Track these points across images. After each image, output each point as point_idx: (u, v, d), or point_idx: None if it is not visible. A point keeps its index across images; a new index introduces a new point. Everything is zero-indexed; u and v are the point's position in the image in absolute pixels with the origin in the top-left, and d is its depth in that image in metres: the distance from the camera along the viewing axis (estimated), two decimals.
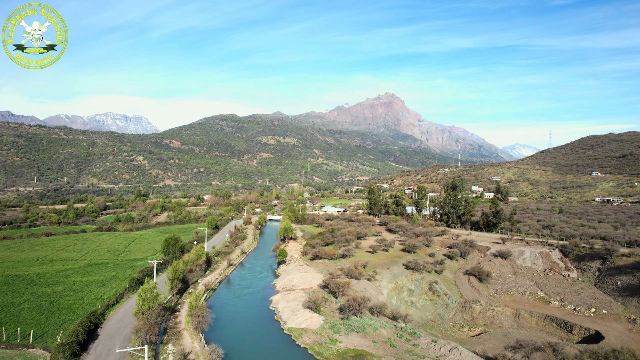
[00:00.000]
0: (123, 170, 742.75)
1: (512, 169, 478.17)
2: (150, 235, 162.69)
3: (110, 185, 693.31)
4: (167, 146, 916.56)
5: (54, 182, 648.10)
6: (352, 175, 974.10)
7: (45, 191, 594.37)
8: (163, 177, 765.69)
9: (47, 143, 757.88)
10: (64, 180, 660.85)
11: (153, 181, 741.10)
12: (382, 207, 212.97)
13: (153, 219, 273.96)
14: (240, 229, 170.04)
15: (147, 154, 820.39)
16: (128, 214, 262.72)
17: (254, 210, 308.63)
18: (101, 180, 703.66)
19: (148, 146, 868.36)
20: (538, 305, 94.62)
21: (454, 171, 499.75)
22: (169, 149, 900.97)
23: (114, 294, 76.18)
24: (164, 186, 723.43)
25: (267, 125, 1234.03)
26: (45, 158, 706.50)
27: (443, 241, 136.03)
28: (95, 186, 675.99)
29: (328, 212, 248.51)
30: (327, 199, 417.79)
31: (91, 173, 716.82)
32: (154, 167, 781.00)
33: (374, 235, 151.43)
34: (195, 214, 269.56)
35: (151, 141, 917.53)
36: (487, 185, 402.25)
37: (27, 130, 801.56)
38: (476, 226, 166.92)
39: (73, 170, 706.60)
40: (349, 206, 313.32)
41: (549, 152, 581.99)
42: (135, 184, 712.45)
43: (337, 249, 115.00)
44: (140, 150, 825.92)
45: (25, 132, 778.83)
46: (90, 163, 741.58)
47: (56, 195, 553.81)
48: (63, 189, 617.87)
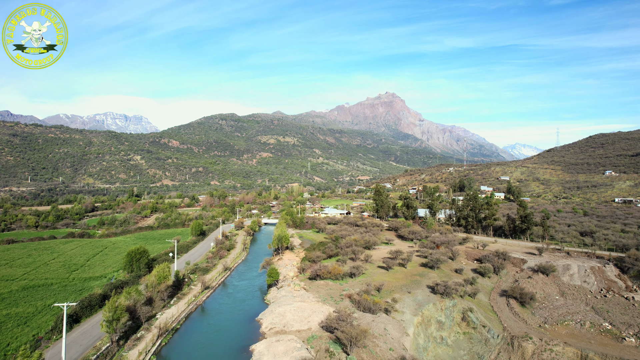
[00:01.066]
0: (120, 169, 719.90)
1: (520, 168, 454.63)
2: (126, 242, 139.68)
3: (107, 185, 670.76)
4: (166, 145, 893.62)
5: (49, 182, 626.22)
6: (352, 175, 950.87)
7: (39, 191, 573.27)
8: (161, 176, 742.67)
9: (42, 142, 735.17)
10: (59, 180, 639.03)
11: (150, 181, 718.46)
12: (389, 210, 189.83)
13: (140, 221, 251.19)
14: (229, 235, 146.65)
15: (145, 153, 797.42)
16: (113, 216, 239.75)
17: (250, 211, 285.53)
18: (97, 180, 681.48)
19: (146, 145, 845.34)
20: (608, 343, 71.37)
21: (460, 170, 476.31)
22: (168, 149, 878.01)
23: (32, 339, 53.46)
24: (162, 186, 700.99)
25: (267, 125, 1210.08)
26: (40, 157, 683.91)
27: (468, 252, 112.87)
28: (91, 186, 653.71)
29: (330, 214, 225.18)
30: (328, 200, 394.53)
31: (87, 173, 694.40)
32: (152, 167, 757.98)
33: (384, 243, 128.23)
34: (187, 216, 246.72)
35: (149, 140, 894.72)
36: (496, 184, 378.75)
37: (23, 129, 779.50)
38: (499, 232, 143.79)
39: (69, 169, 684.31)
40: (351, 207, 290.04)
41: (556, 150, 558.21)
42: (132, 183, 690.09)
43: (342, 264, 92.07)
44: (138, 150, 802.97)
45: (20, 131, 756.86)
46: (87, 162, 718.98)
47: (50, 195, 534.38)
48: (57, 189, 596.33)
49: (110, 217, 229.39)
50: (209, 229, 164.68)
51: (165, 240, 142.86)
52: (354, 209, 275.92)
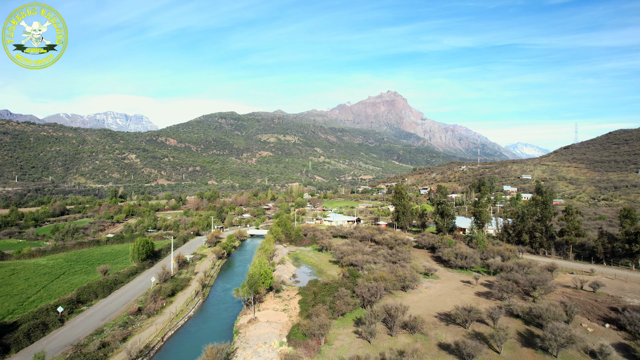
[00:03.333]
0: (113, 169, 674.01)
1: (540, 166, 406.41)
2: (41, 269, 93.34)
3: (99, 185, 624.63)
4: (163, 144, 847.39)
5: (37, 181, 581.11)
6: (355, 174, 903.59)
7: (25, 191, 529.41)
8: (156, 176, 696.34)
9: (34, 141, 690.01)
10: (49, 180, 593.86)
11: (145, 180, 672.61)
12: (413, 217, 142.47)
13: (108, 228, 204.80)
14: (191, 259, 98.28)
15: (140, 152, 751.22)
16: (71, 223, 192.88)
17: (240, 215, 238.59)
18: (89, 179, 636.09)
19: (142, 144, 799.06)
20: None
21: (473, 169, 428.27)
22: (165, 147, 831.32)
23: None
24: (157, 185, 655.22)
25: (267, 123, 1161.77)
26: (30, 156, 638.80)
27: (568, 294, 65.54)
28: (82, 186, 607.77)
29: (335, 222, 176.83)
30: (330, 201, 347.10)
31: (79, 172, 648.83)
32: (147, 166, 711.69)
33: (423, 275, 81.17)
34: (164, 222, 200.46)
35: (146, 139, 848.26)
36: (518, 184, 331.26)
37: (15, 127, 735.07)
38: (588, 253, 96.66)
39: (60, 169, 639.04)
40: (359, 211, 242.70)
41: (574, 147, 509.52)
42: (126, 183, 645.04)
43: (368, 336, 45.46)
44: (133, 148, 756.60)
45: (12, 129, 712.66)
46: (79, 161, 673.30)
47: (37, 195, 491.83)
48: (46, 189, 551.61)
49: (67, 225, 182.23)
50: (167, 248, 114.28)
51: (104, 262, 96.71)
52: (362, 214, 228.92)
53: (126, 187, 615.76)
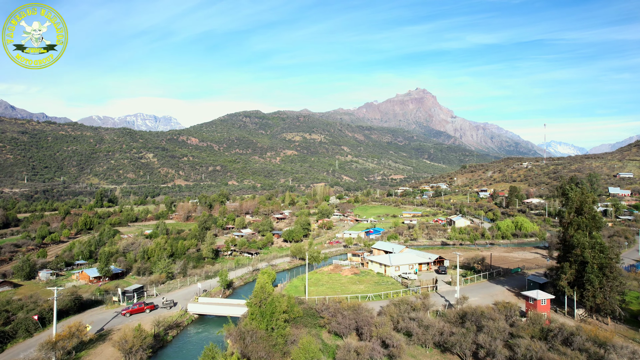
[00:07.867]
0: (128, 168, 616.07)
1: (629, 161, 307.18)
2: None
3: (112, 186, 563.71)
4: (184, 143, 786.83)
5: (48, 182, 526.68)
6: (385, 174, 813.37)
7: (33, 192, 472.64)
8: (173, 176, 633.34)
9: (52, 140, 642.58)
10: (60, 180, 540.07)
11: (162, 181, 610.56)
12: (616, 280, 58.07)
13: (36, 250, 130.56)
14: None
15: (159, 151, 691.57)
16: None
17: (239, 230, 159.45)
18: (103, 180, 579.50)
19: (162, 143, 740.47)
20: None
21: (539, 165, 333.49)
22: (185, 146, 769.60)
23: None
24: (174, 186, 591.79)
25: (292, 122, 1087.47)
26: (45, 156, 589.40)
27: None
28: (94, 186, 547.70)
29: (392, 264, 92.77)
30: (363, 206, 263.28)
31: (93, 172, 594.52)
32: (164, 165, 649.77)
33: None
34: (113, 247, 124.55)
35: (166, 138, 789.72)
36: (622, 184, 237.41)
37: (34, 126, 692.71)
38: None
39: (74, 169, 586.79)
40: (408, 226, 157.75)
41: None
42: (141, 184, 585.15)
43: None
44: (152, 148, 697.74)
45: (32, 128, 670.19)
46: (94, 161, 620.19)
47: (45, 197, 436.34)
48: (55, 190, 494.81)
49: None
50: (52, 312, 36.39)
51: None
52: (414, 230, 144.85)
53: (140, 188, 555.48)
